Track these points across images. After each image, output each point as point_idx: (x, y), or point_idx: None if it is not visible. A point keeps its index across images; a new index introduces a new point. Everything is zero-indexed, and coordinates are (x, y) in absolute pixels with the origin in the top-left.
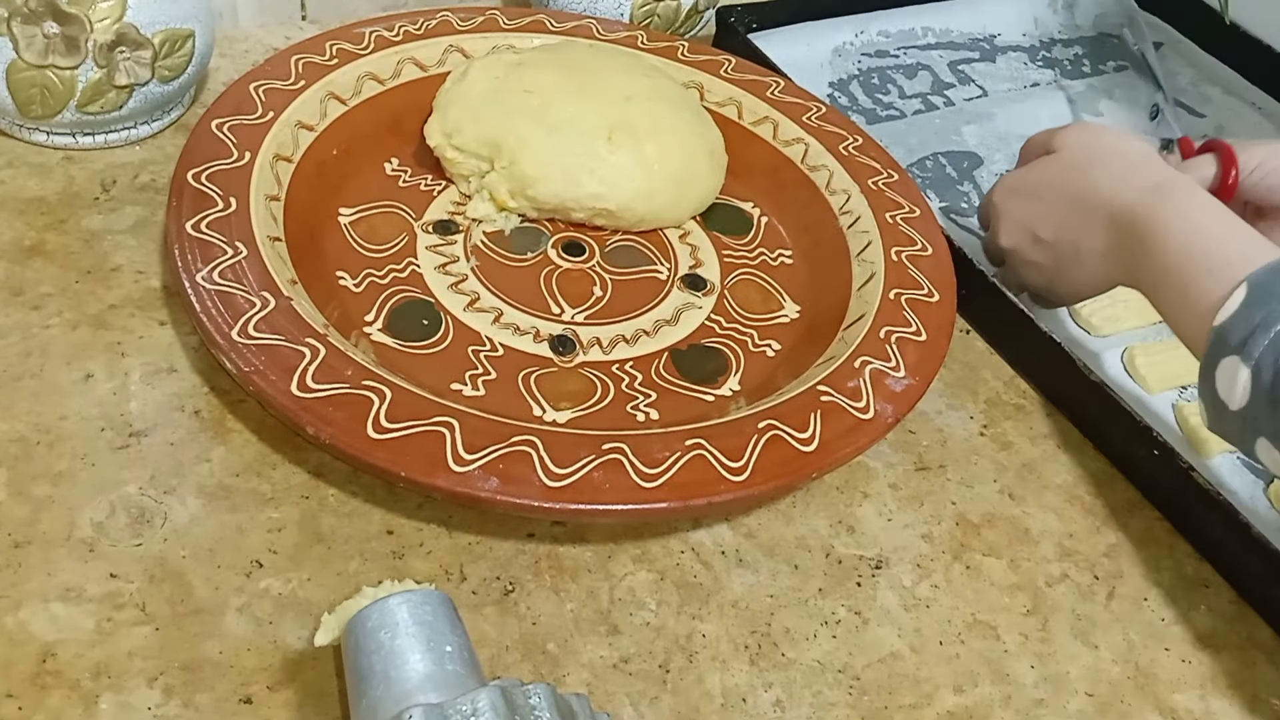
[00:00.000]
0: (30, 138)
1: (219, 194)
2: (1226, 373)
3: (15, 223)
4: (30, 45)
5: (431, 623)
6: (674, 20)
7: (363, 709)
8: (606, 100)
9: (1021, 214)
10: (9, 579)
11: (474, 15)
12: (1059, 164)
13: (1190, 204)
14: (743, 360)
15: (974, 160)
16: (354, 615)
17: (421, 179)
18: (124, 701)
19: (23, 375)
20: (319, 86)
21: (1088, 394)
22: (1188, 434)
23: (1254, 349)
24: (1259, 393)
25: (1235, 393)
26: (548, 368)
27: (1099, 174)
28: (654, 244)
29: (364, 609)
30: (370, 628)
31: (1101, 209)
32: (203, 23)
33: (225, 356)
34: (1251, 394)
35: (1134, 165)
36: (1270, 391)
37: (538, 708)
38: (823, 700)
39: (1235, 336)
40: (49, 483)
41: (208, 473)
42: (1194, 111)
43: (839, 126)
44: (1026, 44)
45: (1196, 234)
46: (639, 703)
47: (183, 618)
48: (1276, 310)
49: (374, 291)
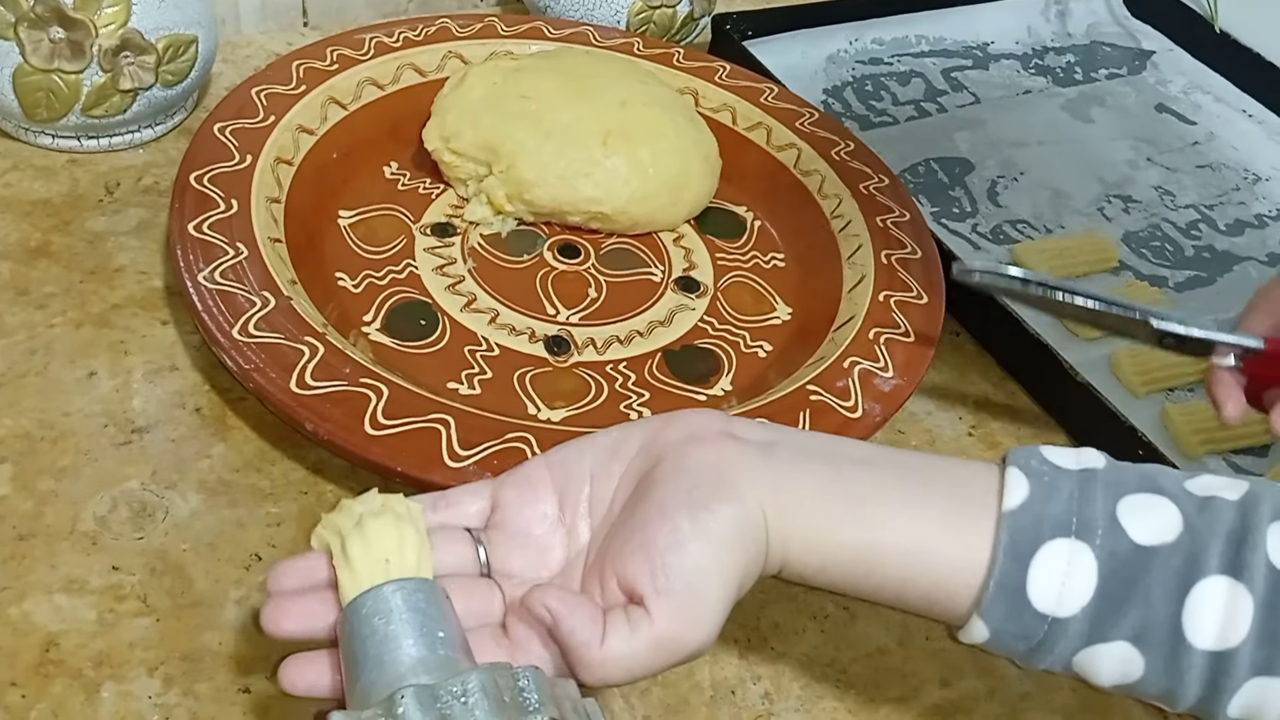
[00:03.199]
0: (36, 141)
1: (221, 196)
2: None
3: (21, 224)
4: (36, 50)
5: (425, 609)
6: (670, 27)
7: (357, 692)
8: (602, 106)
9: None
10: (13, 571)
11: (472, 22)
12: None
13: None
14: (735, 361)
15: (965, 166)
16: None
17: (420, 182)
18: (125, 690)
19: (28, 373)
20: (319, 91)
21: (1076, 395)
22: (1174, 435)
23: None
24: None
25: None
26: (543, 367)
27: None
28: (648, 247)
29: (358, 597)
30: (365, 614)
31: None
32: (206, 28)
33: (226, 354)
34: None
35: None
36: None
37: (526, 689)
38: (811, 693)
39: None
40: (53, 477)
41: (208, 468)
42: (1185, 119)
43: (831, 132)
44: (1019, 52)
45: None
46: (629, 694)
47: (183, 609)
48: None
49: (372, 292)
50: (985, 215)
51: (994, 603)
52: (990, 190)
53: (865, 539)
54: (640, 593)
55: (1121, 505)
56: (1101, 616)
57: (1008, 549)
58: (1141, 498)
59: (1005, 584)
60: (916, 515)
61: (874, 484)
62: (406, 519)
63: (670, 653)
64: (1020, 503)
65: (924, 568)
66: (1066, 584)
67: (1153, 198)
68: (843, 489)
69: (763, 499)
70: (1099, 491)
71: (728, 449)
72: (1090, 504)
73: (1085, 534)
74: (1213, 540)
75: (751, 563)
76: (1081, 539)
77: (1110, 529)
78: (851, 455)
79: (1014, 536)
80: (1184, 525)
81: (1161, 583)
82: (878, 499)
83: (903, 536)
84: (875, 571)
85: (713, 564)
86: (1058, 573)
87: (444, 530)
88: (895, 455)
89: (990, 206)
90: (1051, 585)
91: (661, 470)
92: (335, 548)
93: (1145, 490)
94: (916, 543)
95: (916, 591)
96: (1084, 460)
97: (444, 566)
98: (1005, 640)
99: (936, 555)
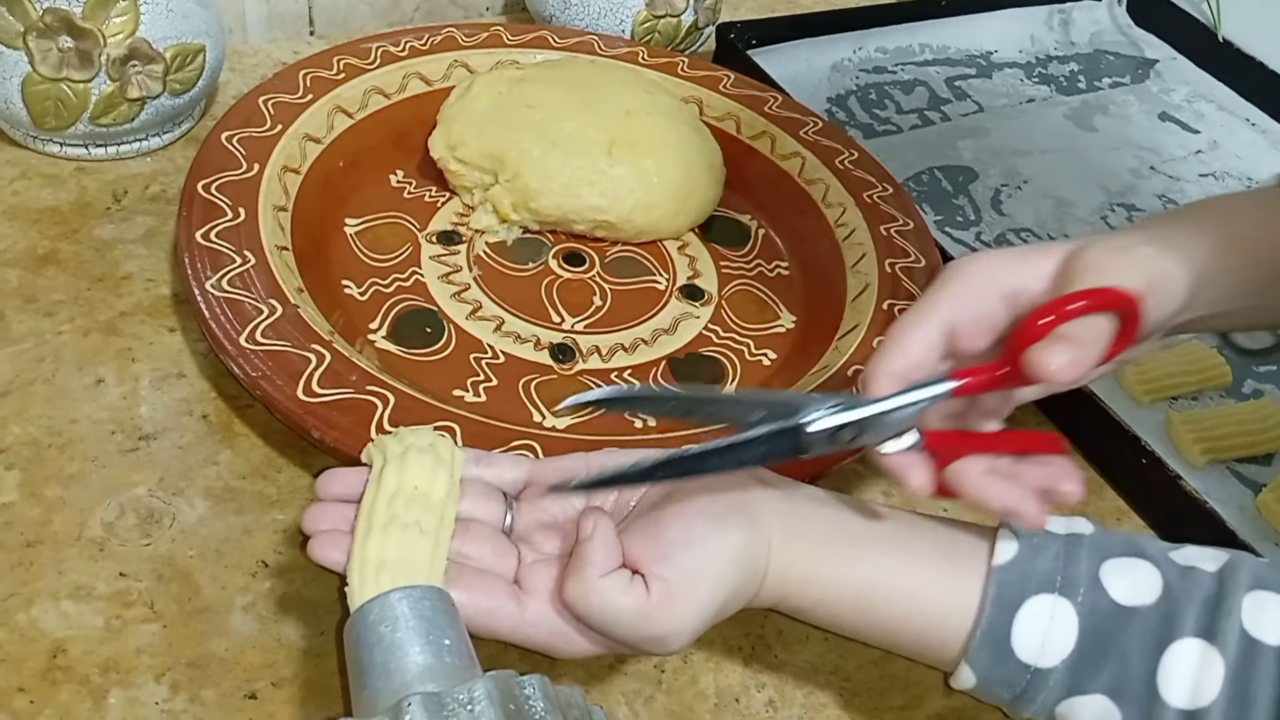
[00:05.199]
0: (44, 149)
1: (228, 204)
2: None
3: (29, 232)
4: (45, 59)
5: (431, 617)
6: (674, 37)
7: (363, 700)
8: (607, 115)
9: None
10: (21, 577)
11: (478, 31)
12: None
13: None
14: (739, 369)
15: (969, 175)
16: (355, 610)
17: (426, 191)
18: (132, 696)
19: (35, 380)
20: (326, 100)
21: (1078, 403)
22: (1176, 443)
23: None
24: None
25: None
26: (548, 375)
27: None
28: (653, 255)
29: (365, 604)
30: (371, 621)
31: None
32: (213, 38)
33: (233, 362)
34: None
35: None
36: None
37: (532, 698)
38: (814, 700)
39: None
40: (60, 484)
41: (215, 475)
42: (1188, 128)
43: (835, 141)
44: (1022, 60)
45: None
46: (634, 701)
47: (190, 616)
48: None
49: (379, 300)
50: (989, 224)
51: (980, 650)
52: (994, 199)
53: (864, 577)
54: (642, 569)
55: (1105, 567)
56: (1081, 669)
57: (995, 600)
58: (1124, 561)
59: (991, 633)
60: (914, 561)
61: (875, 530)
62: (446, 464)
63: (643, 630)
64: (1009, 559)
65: (919, 610)
66: (1049, 636)
67: (1156, 206)
68: (846, 530)
69: (773, 530)
70: (1084, 553)
71: (751, 481)
72: (1075, 564)
73: (1068, 591)
74: (1189, 604)
75: (743, 587)
76: (1065, 595)
77: (1092, 588)
78: (858, 506)
79: (1001, 590)
80: (1163, 588)
81: (1139, 641)
82: (878, 543)
83: (900, 578)
84: (873, 611)
85: (713, 569)
86: (1041, 625)
87: (481, 484)
88: (898, 510)
89: (994, 215)
90: (1034, 637)
91: (688, 487)
92: (375, 468)
93: (1129, 554)
94: (912, 586)
95: (911, 633)
96: (1073, 526)
97: (472, 514)
98: (991, 687)
99: (930, 600)
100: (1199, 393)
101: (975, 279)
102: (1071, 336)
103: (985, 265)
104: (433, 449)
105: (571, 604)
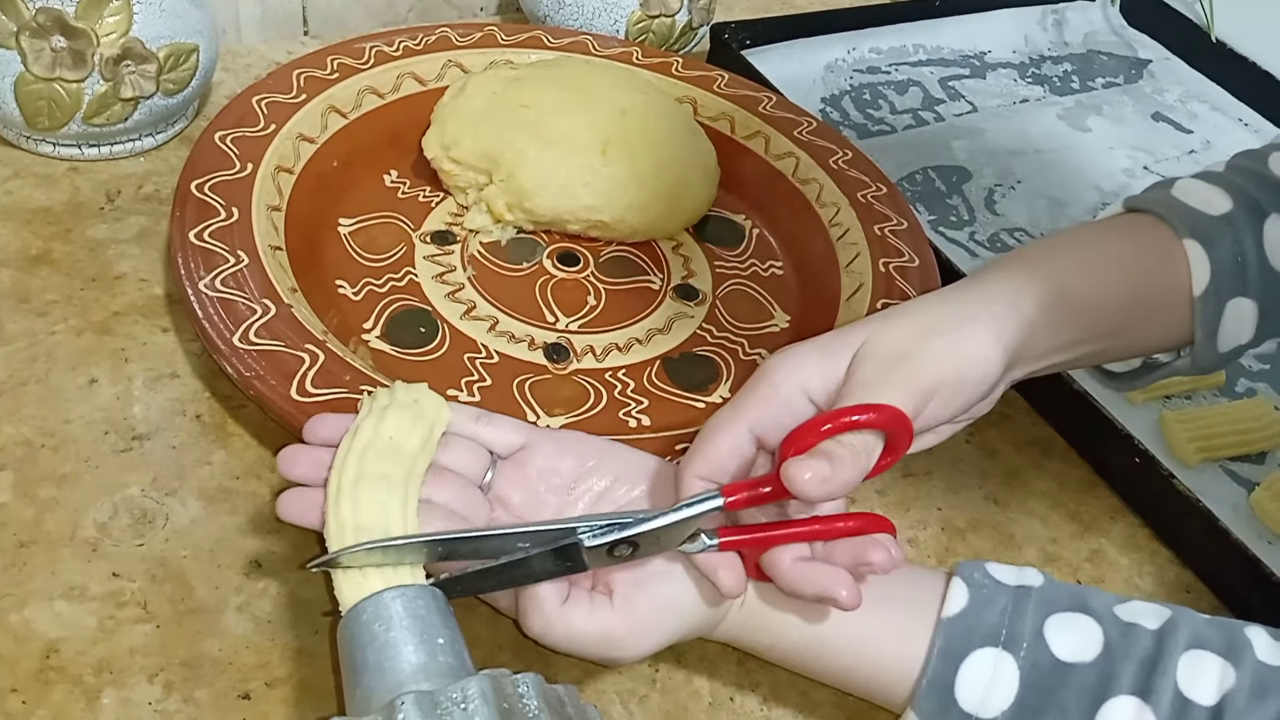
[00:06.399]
0: (37, 149)
1: (221, 204)
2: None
3: (22, 232)
4: (38, 58)
5: (425, 617)
6: (668, 37)
7: (357, 699)
8: (602, 115)
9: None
10: (14, 578)
11: (472, 31)
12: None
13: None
14: (733, 368)
15: (963, 175)
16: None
17: (420, 190)
18: (125, 697)
19: (29, 380)
20: (320, 100)
21: (1072, 403)
22: (1170, 443)
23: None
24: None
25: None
26: (542, 375)
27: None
28: (647, 255)
29: (359, 603)
30: (365, 620)
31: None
32: (207, 38)
33: (226, 362)
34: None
35: None
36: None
37: (525, 696)
38: (808, 700)
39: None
40: (54, 484)
41: (208, 475)
42: (1181, 128)
43: (830, 141)
44: (1016, 61)
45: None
46: (628, 700)
47: (183, 616)
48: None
49: (373, 300)
50: (983, 223)
51: (925, 699)
52: (988, 199)
53: (814, 628)
54: (613, 590)
55: (1049, 622)
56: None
57: (941, 651)
58: (1069, 616)
59: (936, 683)
60: (866, 608)
61: None
62: (426, 420)
63: (604, 649)
64: (958, 611)
65: (870, 659)
66: (990, 689)
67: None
68: None
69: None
70: (1031, 607)
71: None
72: (1020, 619)
73: (1012, 645)
74: (1127, 663)
75: (704, 624)
76: (1008, 650)
77: (1035, 643)
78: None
79: (948, 641)
80: (1104, 645)
81: (1076, 698)
82: None
83: (851, 627)
84: (824, 656)
85: (679, 605)
86: (984, 678)
87: (469, 442)
88: None
89: (988, 215)
90: (977, 689)
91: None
92: (358, 419)
93: (1074, 609)
94: (863, 634)
95: (860, 679)
96: (1023, 578)
97: (451, 465)
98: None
99: (881, 650)
100: (1192, 391)
101: (784, 380)
102: (831, 454)
103: (794, 364)
104: (419, 405)
105: (537, 637)
